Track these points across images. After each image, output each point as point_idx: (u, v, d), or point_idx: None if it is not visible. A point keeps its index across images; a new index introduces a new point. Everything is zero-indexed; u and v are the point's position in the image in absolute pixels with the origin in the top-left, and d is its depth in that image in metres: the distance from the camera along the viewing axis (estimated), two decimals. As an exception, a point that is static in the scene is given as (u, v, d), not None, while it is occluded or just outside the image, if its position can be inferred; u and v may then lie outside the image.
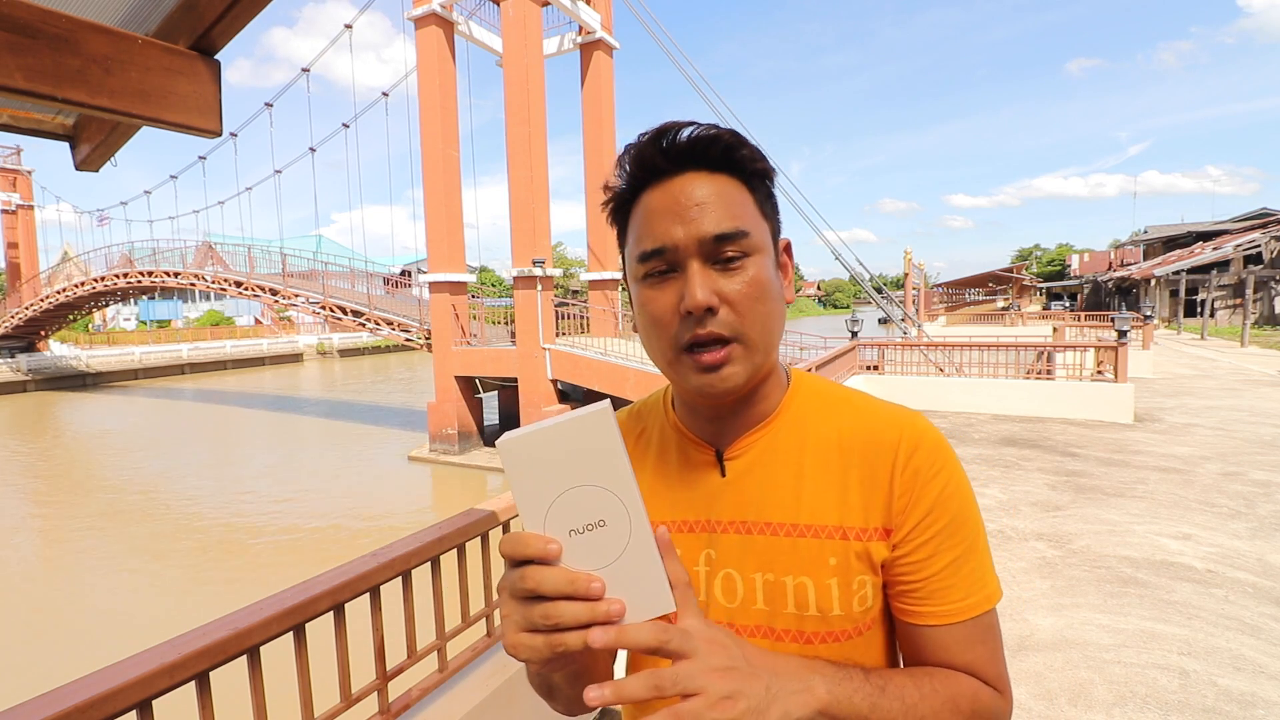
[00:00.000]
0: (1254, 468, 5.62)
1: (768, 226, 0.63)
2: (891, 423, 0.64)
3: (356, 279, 18.50)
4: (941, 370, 10.17)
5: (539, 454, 0.46)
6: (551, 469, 0.46)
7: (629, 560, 0.47)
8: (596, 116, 16.93)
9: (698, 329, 0.58)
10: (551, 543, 0.46)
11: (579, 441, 0.46)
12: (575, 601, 0.45)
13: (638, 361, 12.50)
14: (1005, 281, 52.96)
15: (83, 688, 1.11)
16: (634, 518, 0.47)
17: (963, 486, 0.63)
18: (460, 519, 2.01)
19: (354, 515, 11.03)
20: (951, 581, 0.61)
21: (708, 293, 0.57)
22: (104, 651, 5.02)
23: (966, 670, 0.61)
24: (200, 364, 33.79)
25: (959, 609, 0.61)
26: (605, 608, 0.45)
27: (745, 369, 0.60)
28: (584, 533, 0.47)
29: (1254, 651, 2.75)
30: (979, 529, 0.63)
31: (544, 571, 0.46)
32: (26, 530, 11.00)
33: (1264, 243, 27.30)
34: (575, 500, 0.47)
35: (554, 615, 0.45)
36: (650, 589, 0.47)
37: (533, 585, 0.46)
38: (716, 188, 0.60)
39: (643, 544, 0.47)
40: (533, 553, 0.46)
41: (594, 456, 0.46)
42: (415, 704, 1.82)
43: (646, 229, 0.61)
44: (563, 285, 27.39)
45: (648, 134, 0.61)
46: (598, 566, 0.47)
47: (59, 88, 1.13)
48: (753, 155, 0.61)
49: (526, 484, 0.47)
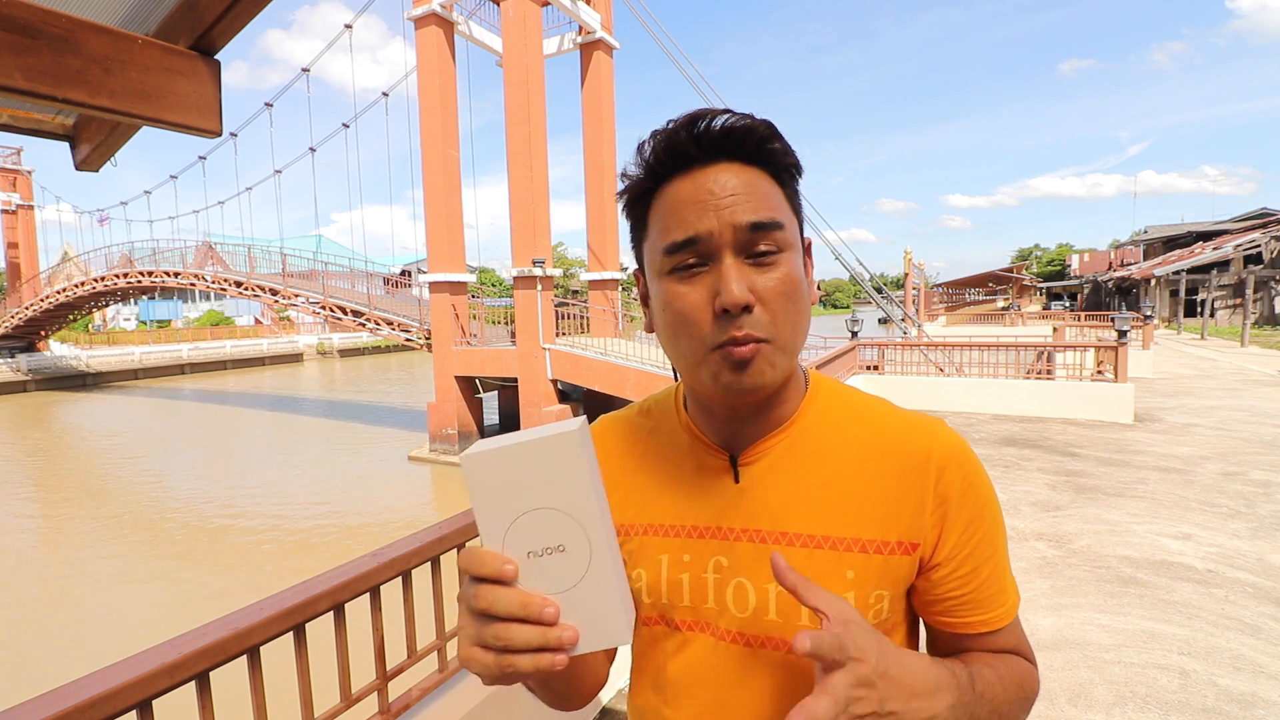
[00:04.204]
0: (1254, 468, 5.62)
1: (796, 222, 0.61)
2: (917, 434, 0.63)
3: (356, 279, 18.50)
4: (941, 370, 10.17)
5: (501, 472, 0.45)
6: (513, 489, 0.45)
7: (587, 588, 0.45)
8: (596, 116, 16.94)
9: (733, 330, 0.55)
10: (508, 563, 0.45)
11: (544, 463, 0.44)
12: (528, 625, 0.44)
13: (637, 361, 12.51)
14: (1005, 281, 52.97)
15: (83, 688, 1.11)
16: (595, 545, 0.45)
17: (994, 497, 0.63)
18: (460, 519, 2.01)
19: (354, 515, 11.03)
20: (996, 589, 0.62)
21: (744, 288, 0.55)
22: (104, 651, 5.02)
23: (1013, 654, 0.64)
24: (200, 364, 33.80)
25: (1004, 613, 0.62)
26: (557, 634, 0.44)
27: (776, 369, 0.57)
28: (543, 556, 0.45)
29: (1254, 651, 2.75)
30: (1005, 541, 0.64)
31: (498, 591, 0.45)
32: (26, 530, 11.00)
33: (1264, 243, 27.31)
34: (536, 522, 0.45)
35: (504, 638, 0.44)
36: (607, 619, 0.46)
37: (485, 605, 0.45)
38: (749, 179, 0.57)
39: (603, 573, 0.45)
40: (488, 571, 0.45)
41: (558, 480, 0.44)
42: (415, 704, 1.82)
43: (675, 219, 0.58)
44: (563, 285, 27.38)
45: (679, 120, 0.58)
46: (555, 591, 0.45)
47: (59, 88, 1.13)
48: (785, 149, 0.59)
49: (486, 502, 0.45)
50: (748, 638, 0.61)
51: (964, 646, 0.63)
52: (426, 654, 1.93)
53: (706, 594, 0.63)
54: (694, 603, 0.64)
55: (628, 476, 0.70)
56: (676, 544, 0.65)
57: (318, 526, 10.53)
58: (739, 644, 0.62)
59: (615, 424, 0.74)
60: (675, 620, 0.65)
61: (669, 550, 0.65)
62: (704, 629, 0.64)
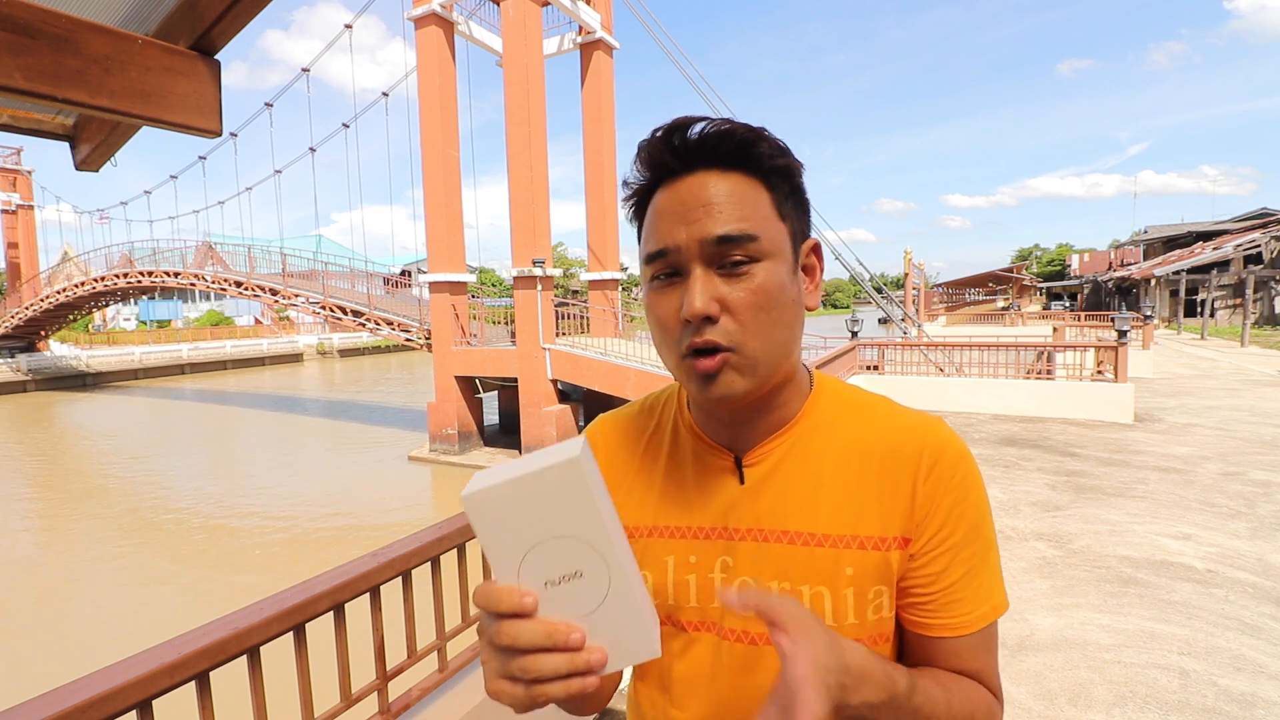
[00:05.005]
0: (1254, 468, 5.62)
1: (785, 228, 0.59)
2: (914, 431, 0.63)
3: (356, 279, 18.49)
4: (941, 370, 10.17)
5: (506, 507, 0.43)
6: (520, 522, 0.44)
7: (610, 609, 0.45)
8: (596, 116, 16.93)
9: (695, 337, 0.56)
10: (526, 595, 0.44)
11: (549, 492, 0.43)
12: (555, 653, 0.43)
13: (637, 361, 12.51)
14: (1005, 281, 52.98)
15: (83, 688, 1.11)
16: (613, 567, 0.44)
17: (981, 499, 0.62)
18: (460, 519, 2.01)
19: (354, 515, 11.03)
20: (963, 594, 0.60)
21: (707, 300, 0.55)
22: (104, 651, 5.02)
23: (974, 678, 0.61)
24: (200, 364, 33.79)
25: (969, 621, 0.60)
26: (585, 658, 0.43)
27: (744, 379, 0.57)
28: (560, 584, 0.45)
29: (1254, 651, 2.75)
30: (992, 541, 0.62)
31: (520, 625, 0.44)
32: (25, 530, 10.99)
33: (1264, 243, 27.30)
34: (549, 552, 0.44)
35: (533, 669, 0.43)
36: (635, 635, 0.45)
37: (509, 641, 0.44)
38: (728, 187, 0.57)
39: (625, 591, 0.45)
40: (506, 607, 0.44)
41: (566, 508, 0.43)
42: (415, 704, 1.82)
43: (651, 230, 0.59)
44: (563, 285, 27.35)
45: (659, 130, 0.59)
46: (578, 615, 0.44)
47: (59, 88, 1.13)
48: (772, 151, 0.58)
49: (495, 538, 0.44)
50: (753, 636, 0.62)
51: (928, 657, 0.62)
52: (426, 654, 1.93)
53: (713, 595, 0.63)
54: (700, 603, 0.64)
55: (630, 477, 0.69)
56: (683, 545, 0.65)
57: (317, 526, 10.53)
58: (744, 643, 0.62)
59: (616, 423, 0.74)
60: (681, 621, 0.65)
61: (675, 552, 0.65)
62: (709, 629, 0.64)
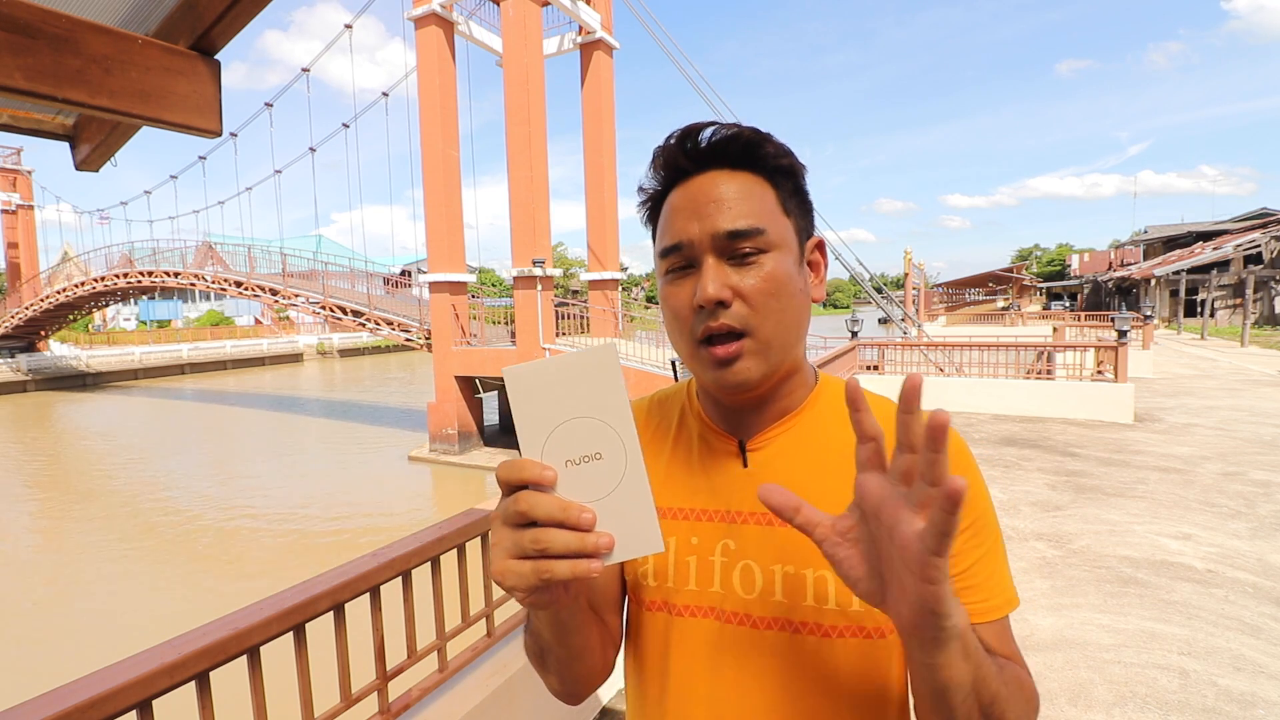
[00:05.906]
0: (1254, 468, 5.62)
1: (790, 223, 0.63)
2: None
3: (356, 279, 18.47)
4: (941, 370, 10.18)
5: (543, 383, 0.48)
6: (553, 399, 0.48)
7: (621, 496, 0.48)
8: (596, 116, 16.93)
9: (710, 321, 0.59)
10: (547, 469, 0.47)
11: (582, 375, 0.47)
12: (565, 530, 0.46)
13: (638, 361, 12.51)
14: (1005, 281, 52.98)
15: (83, 688, 1.11)
16: (630, 455, 0.48)
17: (983, 491, 0.63)
18: (460, 519, 2.01)
19: (354, 515, 11.03)
20: (975, 581, 0.60)
21: (719, 286, 0.59)
22: (104, 651, 5.02)
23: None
24: (200, 364, 33.78)
25: (986, 608, 0.60)
26: (594, 539, 0.45)
27: (760, 364, 0.60)
28: (580, 464, 0.48)
29: (1254, 651, 2.75)
30: (998, 535, 0.63)
31: (537, 497, 0.46)
32: (25, 530, 11.00)
33: (1264, 243, 27.30)
34: (574, 431, 0.48)
35: (543, 541, 0.45)
36: (641, 528, 0.48)
37: (525, 508, 0.46)
38: (737, 185, 0.61)
39: (636, 482, 0.48)
40: (528, 476, 0.47)
41: (596, 390, 0.47)
42: (415, 704, 1.82)
43: (667, 226, 0.63)
44: (563, 285, 27.38)
45: (673, 135, 0.63)
46: (591, 499, 0.47)
47: (59, 88, 1.13)
48: (776, 152, 0.63)
49: (528, 412, 0.48)
50: (754, 619, 0.63)
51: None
52: (426, 654, 1.93)
53: (713, 577, 0.65)
54: (699, 585, 0.65)
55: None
56: (685, 526, 0.67)
57: (317, 526, 10.52)
58: (745, 625, 0.63)
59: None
60: (678, 605, 0.66)
61: (677, 533, 0.67)
62: (708, 613, 0.64)
